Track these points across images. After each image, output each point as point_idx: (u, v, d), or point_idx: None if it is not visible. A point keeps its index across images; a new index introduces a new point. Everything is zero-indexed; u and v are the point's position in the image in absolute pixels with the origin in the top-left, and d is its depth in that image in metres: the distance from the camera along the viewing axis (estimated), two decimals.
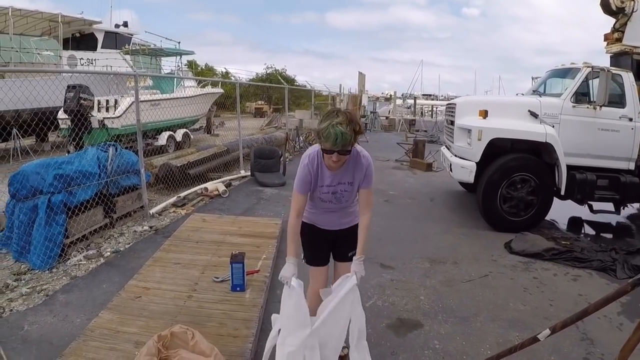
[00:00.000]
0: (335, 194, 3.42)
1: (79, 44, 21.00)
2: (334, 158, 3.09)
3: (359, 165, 3.37)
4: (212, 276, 5.17)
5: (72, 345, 3.71)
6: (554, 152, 7.50)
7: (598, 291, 5.60)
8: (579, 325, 4.64)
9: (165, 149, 16.06)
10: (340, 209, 3.58)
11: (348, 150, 3.10)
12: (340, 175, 3.36)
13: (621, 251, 6.84)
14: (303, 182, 3.35)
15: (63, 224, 6.14)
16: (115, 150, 7.57)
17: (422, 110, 42.19)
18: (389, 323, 4.60)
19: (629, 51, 8.37)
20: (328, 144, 3.03)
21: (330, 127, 2.98)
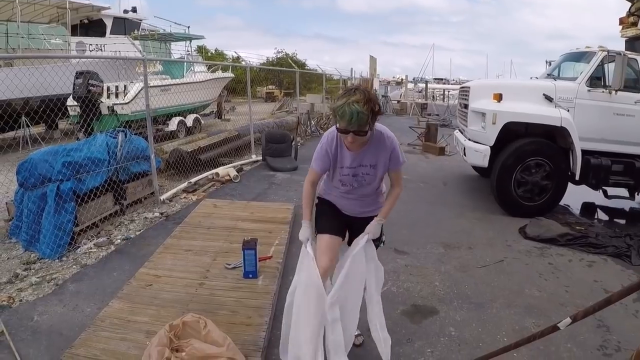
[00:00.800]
0: (357, 177, 3.25)
1: (88, 31, 20.89)
2: (349, 138, 2.94)
3: (383, 146, 3.19)
4: (224, 263, 5.13)
5: (82, 335, 3.68)
6: (569, 136, 7.43)
7: (613, 278, 5.60)
8: (595, 313, 4.62)
9: (175, 134, 15.98)
10: (361, 196, 3.41)
11: (364, 131, 2.93)
12: (361, 156, 3.19)
13: (636, 237, 6.79)
14: (320, 161, 3.24)
15: (72, 212, 6.10)
16: (124, 136, 7.52)
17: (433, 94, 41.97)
18: (404, 309, 4.57)
19: None
20: (343, 123, 2.89)
21: (346, 105, 2.82)
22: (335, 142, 3.18)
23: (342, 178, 3.29)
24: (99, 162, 6.72)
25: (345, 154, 3.20)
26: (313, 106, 22.51)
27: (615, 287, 5.26)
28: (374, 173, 3.26)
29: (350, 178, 3.26)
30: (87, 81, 13.22)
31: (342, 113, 2.84)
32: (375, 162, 3.22)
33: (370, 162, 3.21)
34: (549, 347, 3.90)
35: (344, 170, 3.24)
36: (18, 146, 13.41)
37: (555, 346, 3.94)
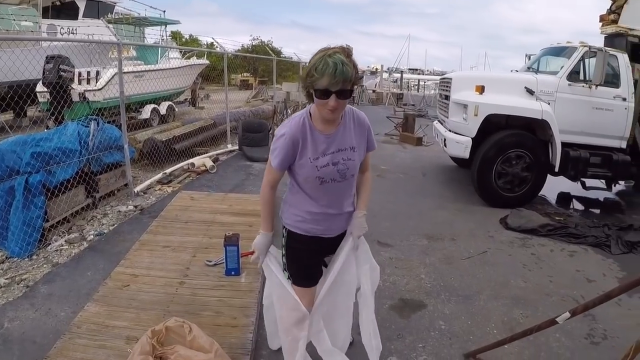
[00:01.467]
0: (337, 166, 2.63)
1: (60, 13, 20.14)
2: (331, 103, 2.36)
3: (359, 123, 2.76)
4: (205, 259, 4.91)
5: (57, 344, 3.39)
6: (549, 129, 7.52)
7: (595, 267, 5.72)
8: (580, 302, 4.68)
9: (149, 122, 15.64)
10: (344, 191, 2.80)
11: (350, 90, 2.42)
12: (338, 139, 2.65)
13: (614, 227, 6.96)
14: (284, 153, 2.60)
15: (42, 207, 5.78)
16: (97, 125, 7.31)
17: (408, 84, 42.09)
18: (392, 304, 4.57)
19: (624, 33, 8.37)
20: (324, 81, 2.31)
21: (326, 57, 2.32)
22: (305, 125, 2.60)
23: (321, 172, 2.61)
24: (70, 153, 6.45)
25: (318, 139, 2.61)
26: (289, 94, 22.44)
27: (597, 277, 5.41)
28: (355, 158, 2.70)
29: (331, 169, 2.62)
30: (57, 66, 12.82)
31: (323, 66, 2.30)
32: (354, 144, 2.70)
33: (350, 144, 2.68)
34: (539, 337, 3.94)
35: (322, 160, 2.60)
36: None
37: (545, 336, 3.97)
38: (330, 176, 2.63)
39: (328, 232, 2.84)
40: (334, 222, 2.84)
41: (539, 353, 3.85)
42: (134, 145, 9.84)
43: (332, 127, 2.62)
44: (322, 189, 2.67)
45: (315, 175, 2.61)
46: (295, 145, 2.57)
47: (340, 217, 2.85)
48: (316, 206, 2.75)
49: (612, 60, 7.79)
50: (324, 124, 2.60)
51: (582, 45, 7.88)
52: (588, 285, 5.19)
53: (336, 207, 2.79)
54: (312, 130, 2.59)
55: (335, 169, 2.63)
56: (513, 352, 3.79)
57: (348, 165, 2.66)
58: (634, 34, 8.28)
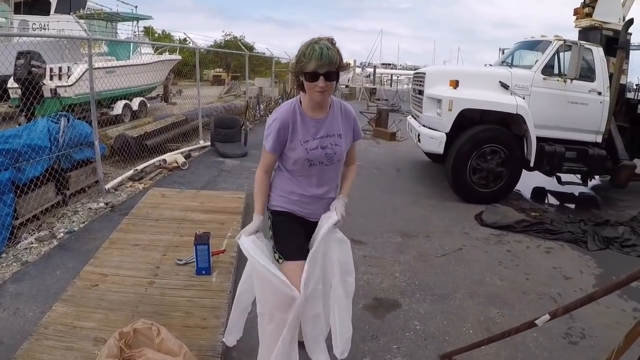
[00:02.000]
0: (326, 150, 2.81)
1: (32, 8, 19.80)
2: (320, 84, 2.57)
3: (345, 112, 2.94)
4: (175, 258, 4.84)
5: (24, 345, 3.32)
6: (524, 123, 7.47)
7: (572, 263, 5.67)
8: (558, 300, 4.66)
9: (121, 118, 15.41)
10: (330, 175, 2.93)
11: (335, 72, 2.62)
12: (327, 124, 2.84)
13: (590, 222, 6.91)
14: (276, 137, 2.77)
15: (12, 204, 5.68)
16: (67, 121, 7.16)
17: (381, 79, 42.09)
18: (366, 304, 4.44)
19: (599, 26, 8.39)
20: (312, 64, 2.54)
21: (313, 43, 2.58)
22: (296, 111, 2.80)
23: (311, 155, 2.78)
24: (40, 150, 6.32)
25: (309, 123, 2.80)
26: (262, 90, 22.26)
27: (574, 274, 5.36)
28: (342, 144, 2.87)
29: (320, 152, 2.80)
30: (29, 62, 12.64)
31: (311, 51, 2.55)
32: (341, 131, 2.88)
33: (337, 130, 2.86)
34: (516, 337, 3.78)
35: (312, 144, 2.78)
36: None
37: (522, 336, 3.83)
38: (319, 159, 2.82)
39: (312, 216, 2.98)
40: (319, 206, 2.97)
41: (516, 354, 3.75)
42: (105, 142, 9.69)
43: (322, 113, 2.83)
44: (310, 171, 2.86)
45: (305, 157, 2.79)
46: (286, 129, 2.77)
47: (324, 202, 2.98)
48: (302, 188, 2.92)
49: (586, 54, 7.78)
50: (313, 110, 2.80)
51: (556, 39, 7.85)
52: (565, 282, 5.11)
53: (321, 190, 2.93)
54: (302, 116, 2.79)
55: (323, 152, 2.81)
56: (490, 353, 3.68)
57: (335, 150, 2.85)
58: (608, 27, 8.32)
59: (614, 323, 4.20)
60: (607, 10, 8.39)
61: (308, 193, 2.92)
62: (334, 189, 3.02)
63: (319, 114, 2.82)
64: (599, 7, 8.40)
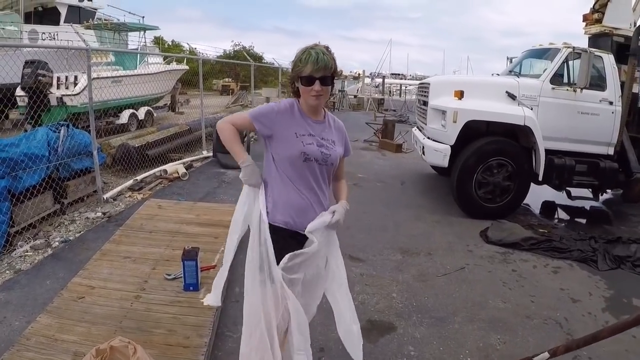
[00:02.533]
0: (322, 148, 2.74)
1: (42, 18, 20.31)
2: (316, 88, 2.59)
3: (338, 127, 2.92)
4: (164, 273, 4.68)
5: (4, 356, 3.30)
6: (532, 135, 7.21)
7: (580, 285, 5.38)
8: (564, 325, 4.41)
9: (127, 127, 15.56)
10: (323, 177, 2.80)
11: (331, 77, 2.66)
12: (320, 129, 2.79)
13: (600, 240, 6.63)
14: (264, 116, 2.70)
15: (7, 212, 5.70)
16: (67, 130, 7.13)
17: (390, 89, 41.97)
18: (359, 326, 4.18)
19: (609, 32, 8.14)
20: (308, 68, 2.56)
21: (309, 49, 2.61)
22: (294, 106, 2.76)
23: (307, 148, 2.68)
24: (37, 159, 6.32)
25: (306, 121, 2.76)
26: (268, 100, 22.21)
27: (582, 296, 5.08)
28: (336, 151, 2.81)
29: (315, 149, 2.71)
30: (36, 71, 12.69)
31: (307, 56, 2.57)
32: (334, 139, 2.84)
33: (331, 137, 2.83)
34: None
35: (307, 139, 2.72)
36: None
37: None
38: (314, 155, 2.70)
39: (300, 226, 2.73)
40: (309, 215, 2.74)
41: None
42: (108, 151, 9.72)
43: (319, 116, 2.81)
44: (304, 168, 2.71)
45: (301, 150, 2.67)
46: (283, 115, 2.71)
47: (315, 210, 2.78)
48: (295, 190, 2.74)
49: (597, 62, 7.52)
50: (310, 112, 2.76)
51: (565, 47, 7.60)
52: (572, 306, 4.83)
53: (314, 194, 2.77)
54: (301, 113, 2.75)
55: (319, 150, 2.72)
56: None
57: (331, 152, 2.77)
58: (619, 33, 8.07)
59: (623, 351, 3.96)
60: (617, 15, 8.13)
61: (299, 195, 2.73)
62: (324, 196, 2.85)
63: (317, 117, 2.80)
64: (609, 12, 8.13)
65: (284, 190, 2.74)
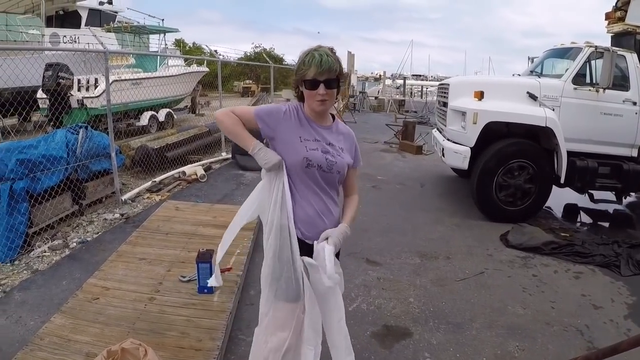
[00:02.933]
0: (327, 155, 2.56)
1: (63, 22, 20.56)
2: (320, 91, 2.44)
3: (348, 135, 2.75)
4: (179, 275, 4.68)
5: (18, 355, 3.31)
6: (554, 137, 7.06)
7: (602, 291, 5.24)
8: (585, 333, 4.29)
9: (147, 129, 15.67)
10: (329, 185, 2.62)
11: (335, 79, 2.48)
12: (330, 134, 2.65)
13: (624, 244, 6.47)
14: (270, 111, 2.59)
15: (25, 213, 5.75)
16: (85, 132, 7.18)
17: (411, 90, 41.77)
18: (374, 331, 4.15)
19: (632, 31, 7.95)
20: (312, 71, 2.41)
21: (312, 51, 2.47)
22: (299, 111, 2.61)
23: (310, 154, 2.52)
24: (56, 160, 6.38)
25: (312, 125, 2.60)
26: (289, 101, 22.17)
27: (604, 302, 4.94)
28: (343, 159, 2.63)
29: (320, 155, 2.55)
30: (56, 73, 12.80)
31: (310, 58, 2.44)
32: (342, 146, 2.67)
33: (339, 144, 2.65)
34: None
35: (312, 144, 2.55)
36: None
37: None
38: (318, 161, 2.54)
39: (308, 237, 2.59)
40: (318, 225, 2.60)
41: None
42: (127, 152, 9.76)
43: (325, 122, 2.67)
44: (307, 175, 2.55)
45: (304, 155, 2.51)
46: (287, 117, 2.57)
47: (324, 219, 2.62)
48: (300, 199, 2.58)
49: (620, 61, 7.35)
50: (316, 117, 2.62)
51: (587, 46, 7.42)
52: (594, 312, 4.71)
53: (320, 201, 2.61)
54: (306, 118, 2.61)
55: (324, 157, 2.56)
56: None
57: (337, 160, 2.60)
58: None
59: None
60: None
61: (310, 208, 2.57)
62: (334, 204, 2.69)
63: (323, 122, 2.66)
64: (632, 10, 7.93)
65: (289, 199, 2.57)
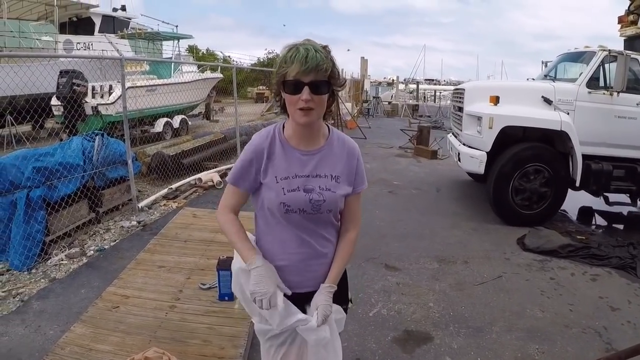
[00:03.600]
0: (311, 194, 2.03)
1: (77, 29, 20.74)
2: (304, 97, 1.86)
3: (348, 151, 2.17)
4: (199, 282, 4.66)
5: None
6: (569, 140, 7.11)
7: (619, 292, 5.28)
8: (603, 335, 4.33)
9: (162, 136, 15.72)
10: (318, 228, 2.13)
11: (326, 82, 1.92)
12: (318, 161, 2.09)
13: (639, 246, 6.49)
14: (242, 168, 2.10)
15: (42, 221, 5.77)
16: (101, 139, 7.23)
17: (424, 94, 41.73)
18: (395, 336, 4.20)
19: None
20: (294, 68, 1.85)
21: (297, 46, 1.91)
22: (275, 137, 2.10)
23: (287, 197, 2.02)
24: (73, 168, 6.41)
25: (292, 155, 2.08)
26: None
27: (622, 304, 4.98)
28: (335, 193, 2.08)
29: (301, 196, 2.03)
30: (71, 80, 12.92)
31: (293, 53, 1.88)
32: (337, 173, 2.11)
33: (331, 171, 2.10)
34: None
35: (292, 182, 2.04)
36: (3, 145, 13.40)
37: None
38: (299, 205, 2.02)
39: (300, 286, 2.15)
40: (307, 273, 2.15)
41: None
42: (143, 159, 9.81)
43: (311, 145, 2.10)
44: (289, 221, 2.07)
45: (280, 200, 2.01)
46: (259, 159, 2.06)
47: (310, 271, 2.17)
48: (284, 250, 2.12)
49: (633, 65, 7.37)
50: (299, 138, 2.08)
51: (601, 50, 7.45)
52: (612, 314, 4.75)
53: (302, 253, 2.12)
54: (283, 145, 2.08)
55: (306, 197, 2.03)
56: None
57: (325, 197, 2.05)
58: None
59: None
60: None
61: (294, 257, 2.13)
62: (328, 245, 2.20)
63: (308, 144, 2.10)
64: None
65: (269, 243, 2.16)
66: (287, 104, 1.96)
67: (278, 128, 2.13)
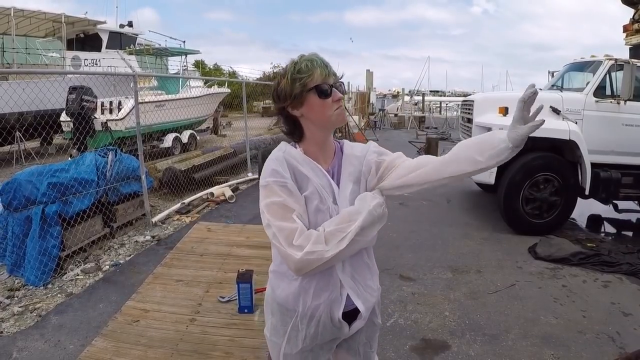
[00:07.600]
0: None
1: (84, 45, 20.87)
2: (337, 97, 1.86)
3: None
4: (218, 295, 4.77)
5: None
6: (578, 149, 7.18)
7: (631, 298, 5.33)
8: (616, 340, 4.37)
9: (171, 151, 15.79)
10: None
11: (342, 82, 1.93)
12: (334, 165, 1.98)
13: None
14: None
15: (58, 237, 5.84)
16: (114, 155, 7.32)
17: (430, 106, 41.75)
18: (413, 345, 4.27)
19: None
20: (317, 75, 1.82)
21: (306, 58, 1.86)
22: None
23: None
24: (87, 183, 6.49)
25: (314, 170, 1.91)
26: None
27: (634, 309, 5.03)
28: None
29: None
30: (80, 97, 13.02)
31: (307, 63, 1.84)
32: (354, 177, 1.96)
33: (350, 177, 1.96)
34: None
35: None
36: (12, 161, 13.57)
37: None
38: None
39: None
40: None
41: None
42: (154, 174, 9.87)
43: (330, 152, 2.01)
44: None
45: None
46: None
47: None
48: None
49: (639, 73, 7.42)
50: (321, 149, 1.97)
51: (607, 59, 7.54)
52: (624, 319, 4.81)
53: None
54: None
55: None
56: None
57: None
58: None
59: None
60: None
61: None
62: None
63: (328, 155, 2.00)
64: None
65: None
66: (318, 110, 1.85)
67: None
